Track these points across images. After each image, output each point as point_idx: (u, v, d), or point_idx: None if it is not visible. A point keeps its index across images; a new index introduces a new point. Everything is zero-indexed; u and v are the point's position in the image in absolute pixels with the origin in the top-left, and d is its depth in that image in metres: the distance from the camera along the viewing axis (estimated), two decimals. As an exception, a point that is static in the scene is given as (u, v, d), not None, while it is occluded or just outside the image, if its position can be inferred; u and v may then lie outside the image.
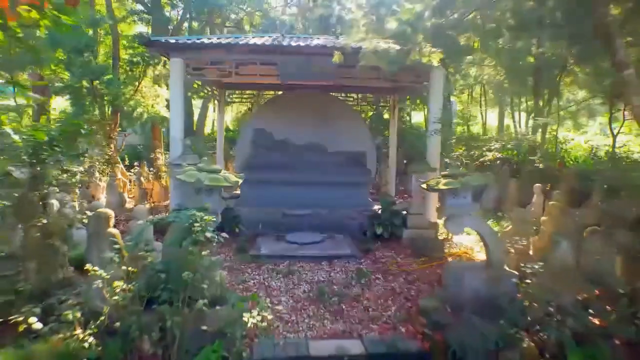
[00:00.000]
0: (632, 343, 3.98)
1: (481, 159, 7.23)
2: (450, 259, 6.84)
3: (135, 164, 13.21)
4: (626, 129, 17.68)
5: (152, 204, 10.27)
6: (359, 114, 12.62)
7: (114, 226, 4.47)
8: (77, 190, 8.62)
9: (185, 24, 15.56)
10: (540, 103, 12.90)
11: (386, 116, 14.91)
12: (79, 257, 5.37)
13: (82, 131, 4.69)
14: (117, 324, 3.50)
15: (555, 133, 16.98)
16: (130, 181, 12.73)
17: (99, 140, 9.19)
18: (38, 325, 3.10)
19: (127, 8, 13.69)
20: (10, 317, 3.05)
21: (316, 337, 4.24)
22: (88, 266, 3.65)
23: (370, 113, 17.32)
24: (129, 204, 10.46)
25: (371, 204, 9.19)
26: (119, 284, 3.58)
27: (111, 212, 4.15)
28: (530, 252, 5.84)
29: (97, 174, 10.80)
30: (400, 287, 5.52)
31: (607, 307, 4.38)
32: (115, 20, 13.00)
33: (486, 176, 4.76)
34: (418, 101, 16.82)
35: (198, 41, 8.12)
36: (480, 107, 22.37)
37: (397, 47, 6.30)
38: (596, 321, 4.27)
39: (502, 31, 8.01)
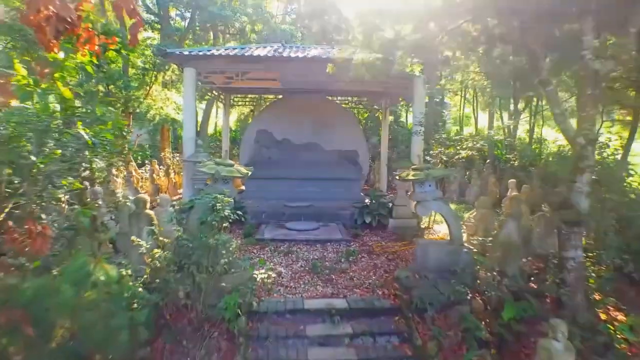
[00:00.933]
0: (558, 299, 5.06)
1: (456, 157, 8.27)
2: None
3: (147, 161, 14.28)
4: (605, 129, 18.81)
5: (165, 198, 11.35)
6: (353, 116, 13.68)
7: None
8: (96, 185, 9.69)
9: (191, 30, 16.60)
10: (521, 105, 13.97)
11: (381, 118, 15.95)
12: (112, 239, 6.47)
13: (124, 132, 5.77)
14: (157, 280, 4.58)
15: (540, 133, 18.02)
16: (142, 178, 13.81)
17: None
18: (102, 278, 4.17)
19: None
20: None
21: (310, 297, 5.32)
22: (133, 238, 4.73)
23: (366, 114, 18.42)
24: (144, 198, 11.55)
25: (362, 197, 10.24)
26: (157, 251, 4.67)
27: (147, 197, 5.23)
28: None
29: (114, 171, 11.88)
30: (382, 263, 6.60)
31: (544, 273, 5.47)
32: (126, 30, 14.07)
33: (445, 170, 5.83)
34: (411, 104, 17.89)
35: (208, 53, 9.18)
36: (473, 108, 23.46)
37: (382, 59, 7.36)
38: (533, 285, 5.37)
39: (477, 44, 9.07)
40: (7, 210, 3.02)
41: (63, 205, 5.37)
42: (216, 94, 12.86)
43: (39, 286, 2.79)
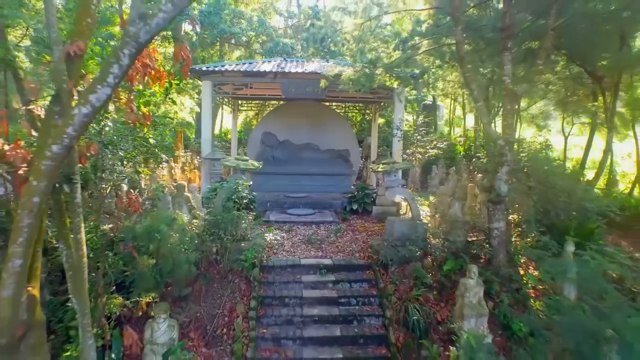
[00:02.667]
0: (488, 258, 6.87)
1: (426, 155, 10.09)
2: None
3: (164, 160, 16.11)
4: (578, 132, 20.63)
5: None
6: (345, 119, 15.49)
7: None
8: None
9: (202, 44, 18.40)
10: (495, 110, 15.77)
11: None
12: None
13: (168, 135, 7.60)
14: (196, 242, 6.42)
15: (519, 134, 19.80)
16: (160, 174, 15.66)
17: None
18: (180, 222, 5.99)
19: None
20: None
21: (305, 257, 7.16)
22: (177, 212, 6.56)
23: (360, 117, 20.29)
24: (164, 191, 13.43)
25: (353, 189, 12.03)
26: (195, 221, 6.51)
27: (185, 184, 7.07)
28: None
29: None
30: (362, 238, 8.44)
31: (482, 241, 7.29)
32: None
33: (406, 163, 7.67)
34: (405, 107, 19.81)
35: (223, 68, 11.02)
36: (463, 111, 25.26)
37: (365, 75, 9.18)
38: (473, 250, 7.18)
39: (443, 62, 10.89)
40: (112, 185, 4.84)
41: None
42: (226, 100, 14.69)
43: (145, 227, 4.62)
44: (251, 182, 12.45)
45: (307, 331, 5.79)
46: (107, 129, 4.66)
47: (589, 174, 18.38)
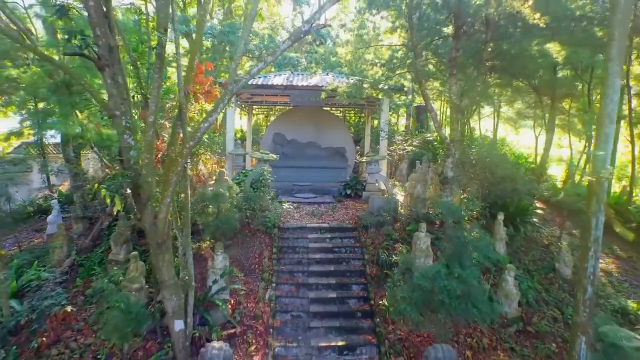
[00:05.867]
0: (440, 223, 9.64)
1: (404, 151, 12.85)
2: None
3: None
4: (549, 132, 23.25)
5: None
6: (342, 122, 18.29)
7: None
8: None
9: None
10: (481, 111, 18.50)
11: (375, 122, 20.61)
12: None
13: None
14: (234, 209, 9.24)
15: (496, 133, 22.49)
16: (186, 168, 18.49)
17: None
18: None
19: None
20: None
21: (309, 223, 9.98)
22: (220, 189, 9.40)
23: (356, 119, 23.08)
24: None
25: (348, 180, 14.81)
26: (234, 196, 9.35)
27: (225, 170, 9.90)
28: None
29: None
30: (352, 212, 11.25)
31: (437, 212, 10.06)
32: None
33: (383, 155, 10.46)
34: (399, 110, 22.62)
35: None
36: (451, 112, 27.93)
37: (355, 88, 11.93)
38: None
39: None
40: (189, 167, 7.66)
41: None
42: (243, 105, 17.50)
43: (214, 192, 7.42)
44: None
45: (311, 267, 8.60)
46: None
47: (558, 168, 21.20)
